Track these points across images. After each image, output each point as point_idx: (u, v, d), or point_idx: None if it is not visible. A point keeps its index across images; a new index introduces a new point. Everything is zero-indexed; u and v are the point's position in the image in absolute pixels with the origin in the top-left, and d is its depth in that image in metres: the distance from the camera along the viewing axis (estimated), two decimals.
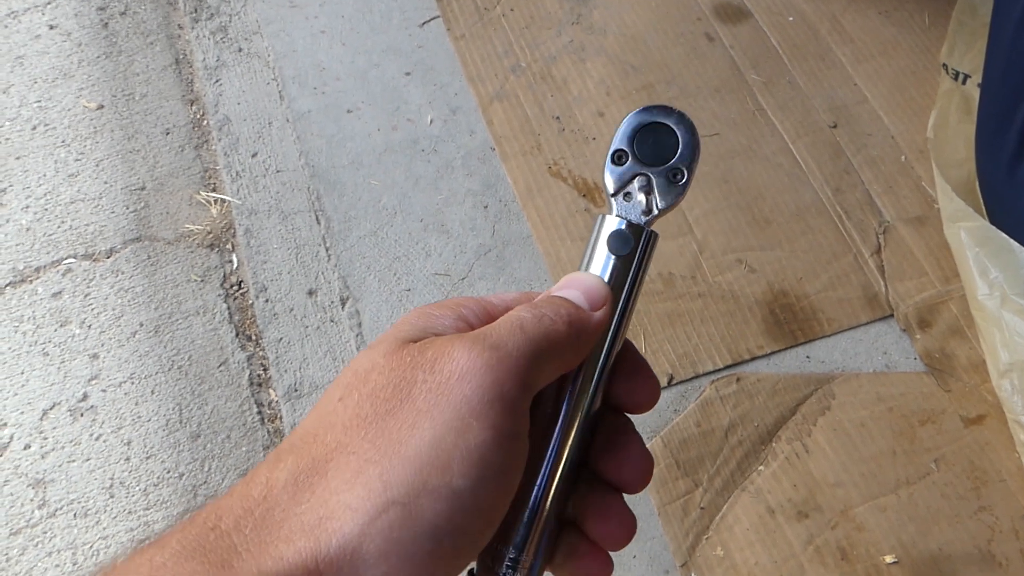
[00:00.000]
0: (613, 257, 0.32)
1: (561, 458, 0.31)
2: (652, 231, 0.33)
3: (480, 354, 0.27)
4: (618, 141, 0.33)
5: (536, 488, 0.30)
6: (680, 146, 0.33)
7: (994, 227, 0.82)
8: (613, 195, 0.33)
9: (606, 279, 0.33)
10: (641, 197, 0.33)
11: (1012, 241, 0.80)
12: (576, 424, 0.31)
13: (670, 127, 0.33)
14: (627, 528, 0.33)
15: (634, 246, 0.32)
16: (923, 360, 0.87)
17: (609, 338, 0.32)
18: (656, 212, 0.33)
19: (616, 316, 0.32)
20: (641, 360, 0.35)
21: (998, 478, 0.80)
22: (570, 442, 0.31)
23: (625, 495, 0.34)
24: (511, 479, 0.28)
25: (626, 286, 0.32)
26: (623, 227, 0.32)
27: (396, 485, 0.25)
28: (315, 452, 0.27)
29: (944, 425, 0.83)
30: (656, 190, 0.33)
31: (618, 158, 0.33)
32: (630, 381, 0.34)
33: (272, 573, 0.24)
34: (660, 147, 0.33)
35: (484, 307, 0.32)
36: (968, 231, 0.85)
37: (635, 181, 0.33)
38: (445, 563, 0.26)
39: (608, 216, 0.33)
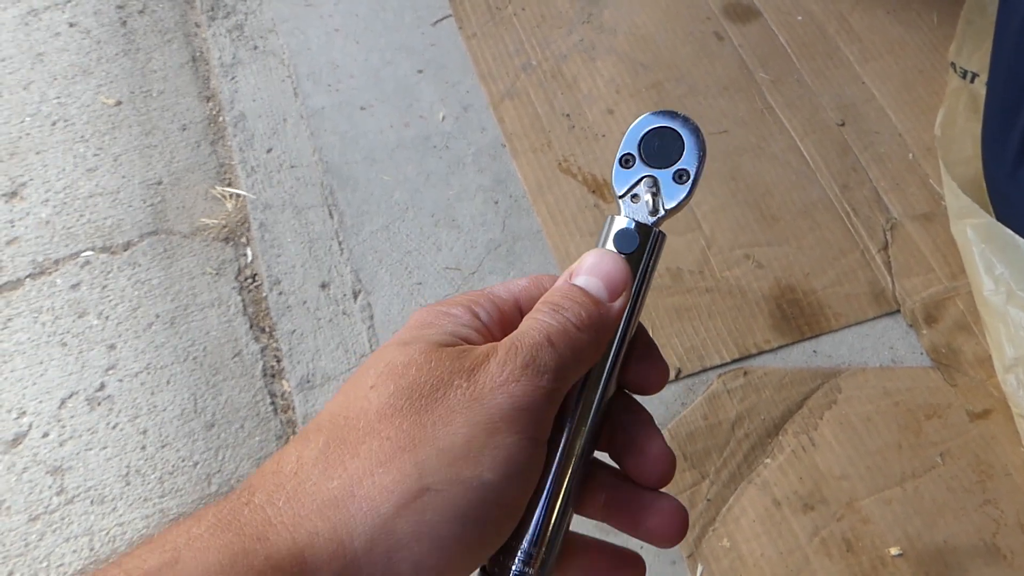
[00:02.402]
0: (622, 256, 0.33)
1: (572, 452, 0.32)
2: (660, 231, 0.34)
3: (513, 371, 0.29)
4: (626, 145, 0.35)
5: (548, 482, 0.31)
6: (686, 148, 0.34)
7: (1000, 224, 0.83)
8: (621, 197, 0.34)
9: None
10: (648, 198, 0.34)
11: (1018, 238, 0.81)
12: (589, 418, 0.32)
13: (675, 131, 0.34)
14: (676, 520, 0.33)
15: (641, 244, 0.33)
16: (929, 355, 0.88)
17: (620, 333, 0.33)
18: (663, 212, 0.34)
19: (627, 312, 0.33)
20: (651, 343, 0.36)
21: (1003, 472, 0.81)
22: (582, 436, 0.32)
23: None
24: (532, 478, 0.29)
25: (634, 284, 0.33)
26: (631, 227, 0.33)
27: (430, 473, 0.27)
28: (346, 434, 0.28)
29: (950, 419, 0.84)
30: (663, 191, 0.34)
31: (626, 161, 0.34)
32: (641, 363, 0.35)
33: (306, 545, 0.25)
34: (666, 150, 0.34)
35: (493, 302, 0.33)
36: (974, 228, 0.86)
37: (642, 183, 0.34)
38: (470, 551, 0.27)
39: (616, 216, 0.34)
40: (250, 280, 0.95)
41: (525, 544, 0.30)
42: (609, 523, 0.34)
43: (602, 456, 0.35)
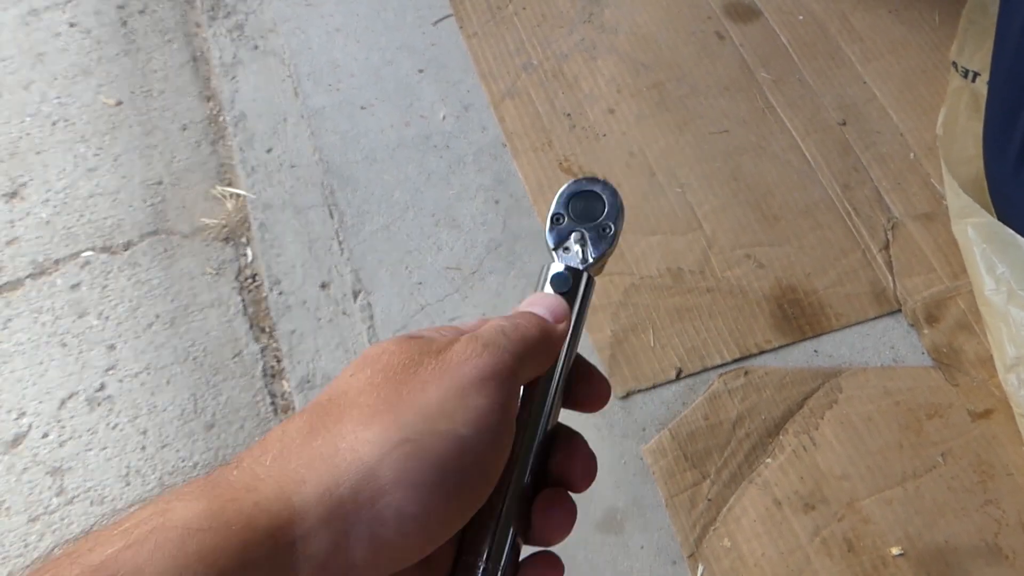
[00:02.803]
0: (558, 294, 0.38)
1: (526, 467, 0.35)
2: (589, 274, 0.38)
3: (476, 348, 0.32)
4: (556, 207, 0.40)
5: (505, 497, 0.34)
6: (606, 207, 0.40)
7: (1001, 223, 0.83)
8: (555, 249, 0.39)
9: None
10: (578, 248, 0.39)
11: (1019, 237, 0.81)
12: (537, 436, 0.35)
13: (597, 192, 0.40)
14: (571, 519, 0.36)
15: (573, 285, 0.38)
16: (930, 355, 0.88)
17: (563, 356, 0.37)
18: (591, 260, 0.39)
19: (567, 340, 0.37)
20: (591, 365, 0.39)
21: (1005, 472, 0.81)
22: (533, 452, 0.35)
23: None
24: (505, 443, 0.31)
25: (572, 317, 0.38)
26: (564, 271, 0.38)
27: (408, 426, 0.28)
28: (328, 409, 0.30)
29: (951, 419, 0.84)
30: (589, 243, 0.39)
31: (556, 220, 0.40)
32: (583, 383, 0.39)
33: (293, 492, 0.26)
34: (590, 209, 0.40)
35: (458, 329, 0.36)
36: (975, 227, 0.85)
37: (571, 237, 0.39)
38: (448, 504, 0.28)
39: (552, 263, 0.39)
40: (250, 280, 0.95)
41: (483, 564, 0.33)
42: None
43: None
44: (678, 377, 0.87)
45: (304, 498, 0.26)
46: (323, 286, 0.93)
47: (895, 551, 0.77)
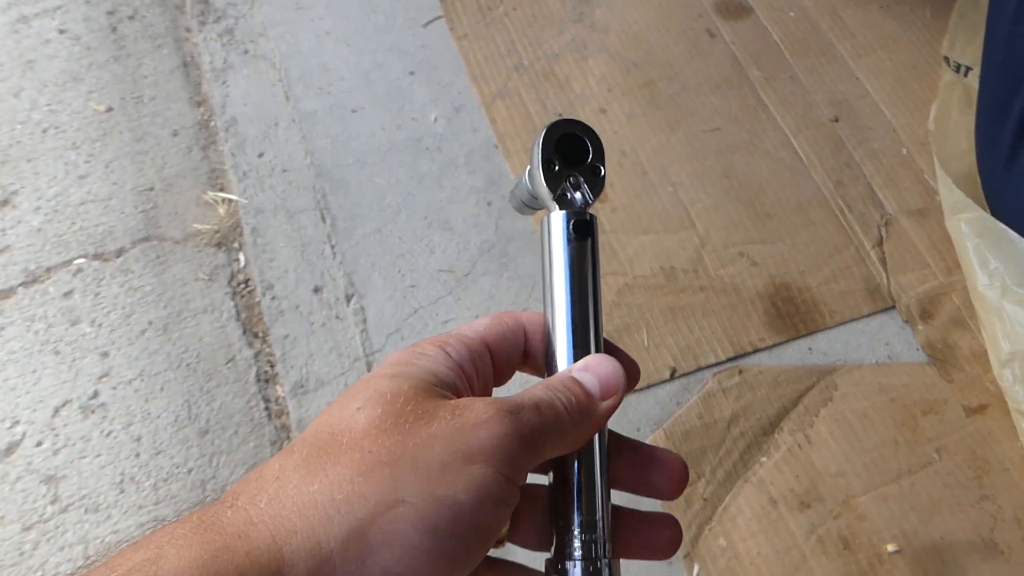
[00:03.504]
0: (568, 244, 0.37)
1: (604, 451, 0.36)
2: (592, 214, 0.38)
3: (497, 413, 0.31)
4: (545, 152, 0.38)
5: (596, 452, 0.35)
6: (591, 147, 0.39)
7: (994, 218, 0.83)
8: (554, 197, 0.38)
9: (567, 264, 0.37)
10: (577, 194, 0.38)
11: (1012, 232, 0.80)
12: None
13: (578, 135, 0.39)
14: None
15: (586, 230, 0.37)
16: (925, 351, 0.88)
17: (592, 308, 0.37)
18: (590, 201, 0.38)
19: (587, 288, 0.37)
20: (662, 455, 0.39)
21: (1000, 467, 0.81)
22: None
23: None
24: (505, 512, 0.31)
25: (588, 262, 0.37)
26: (586, 218, 0.37)
27: (406, 488, 0.28)
28: (330, 446, 0.29)
29: (946, 415, 0.84)
30: (585, 186, 0.38)
31: (550, 165, 0.38)
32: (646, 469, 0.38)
33: (284, 543, 0.26)
34: (577, 151, 0.39)
35: (462, 341, 0.36)
36: (968, 222, 0.85)
37: (568, 182, 0.38)
38: (438, 564, 0.28)
39: (556, 212, 0.38)
40: (243, 285, 0.94)
41: (576, 517, 0.34)
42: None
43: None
44: (672, 376, 0.87)
45: (293, 550, 0.26)
46: (316, 290, 0.93)
47: (891, 548, 0.77)
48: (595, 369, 0.35)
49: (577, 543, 0.33)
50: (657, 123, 1.04)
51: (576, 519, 0.34)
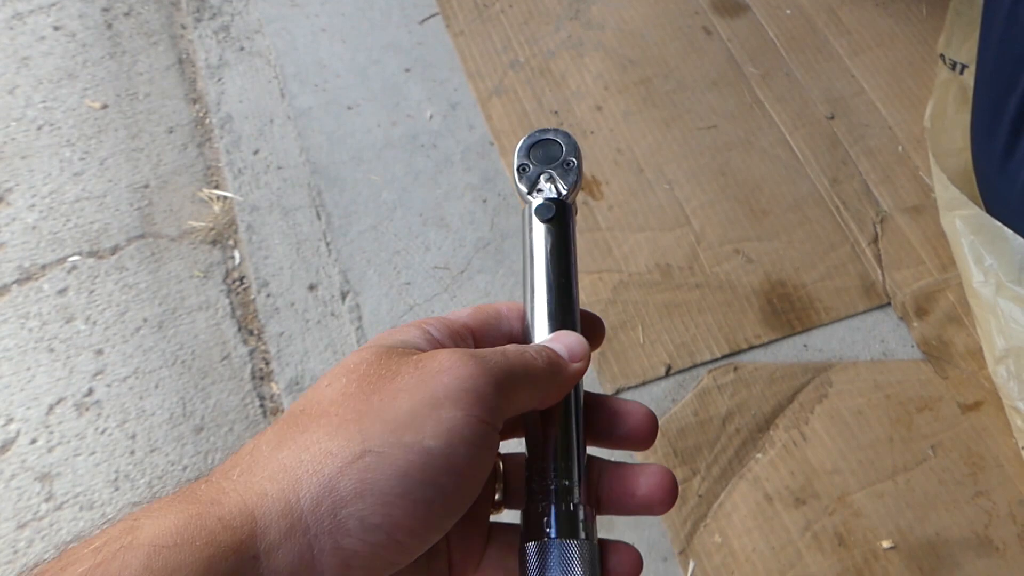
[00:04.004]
0: (544, 225, 0.39)
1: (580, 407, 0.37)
2: (566, 202, 0.40)
3: (461, 357, 0.31)
4: (518, 160, 0.42)
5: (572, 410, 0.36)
6: (563, 147, 0.42)
7: (989, 216, 0.83)
8: (529, 193, 0.41)
9: (534, 247, 0.39)
10: (549, 186, 0.41)
11: (1007, 229, 0.80)
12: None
13: (552, 138, 0.42)
14: (665, 480, 0.37)
15: (557, 213, 0.39)
16: (920, 348, 0.88)
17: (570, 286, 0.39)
18: (564, 192, 0.41)
19: (565, 268, 0.39)
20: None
21: (995, 463, 0.81)
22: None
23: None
24: (483, 455, 0.30)
25: (567, 242, 0.40)
26: (544, 200, 0.40)
27: (372, 438, 0.28)
28: (300, 419, 0.30)
29: (941, 412, 0.84)
30: (558, 179, 0.41)
31: (523, 169, 0.42)
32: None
33: (256, 506, 0.27)
34: (550, 153, 0.42)
35: (444, 323, 0.36)
36: (964, 220, 0.85)
37: (541, 179, 0.41)
38: (417, 511, 0.28)
39: (532, 202, 0.41)
40: (238, 283, 0.94)
41: (552, 463, 0.35)
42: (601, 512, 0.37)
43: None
44: (667, 373, 0.87)
45: (266, 512, 0.26)
46: (311, 288, 0.93)
47: (886, 544, 0.77)
48: (561, 339, 0.36)
49: (552, 487, 0.34)
50: (653, 120, 1.04)
51: (552, 464, 0.35)
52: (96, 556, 0.25)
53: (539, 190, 0.41)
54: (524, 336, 0.38)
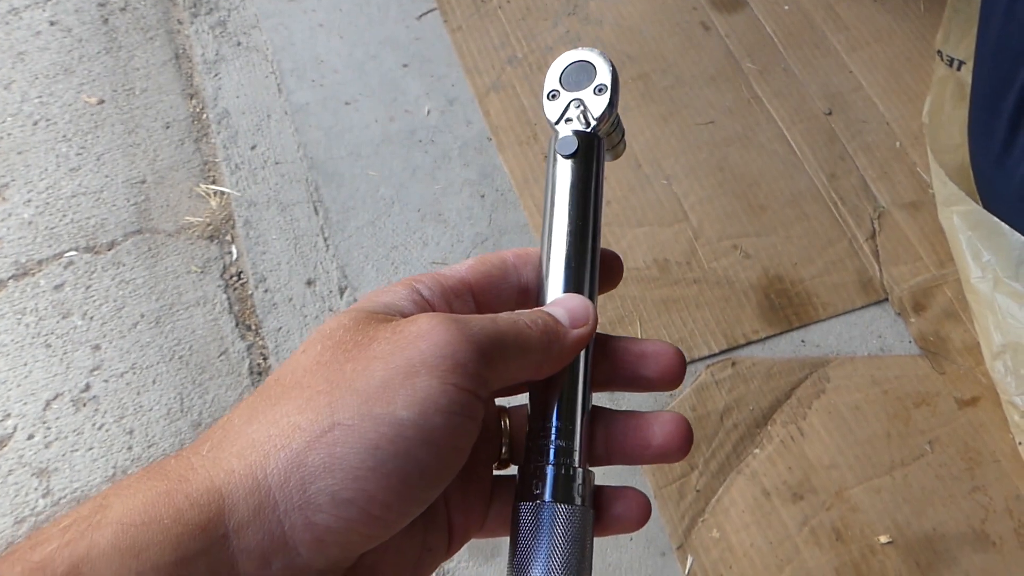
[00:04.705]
0: (568, 161, 0.36)
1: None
2: (595, 135, 0.37)
3: (442, 321, 0.29)
4: (548, 84, 0.38)
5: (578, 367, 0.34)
6: (598, 70, 0.38)
7: (986, 211, 0.83)
8: (556, 123, 0.38)
9: (556, 183, 0.36)
10: (578, 114, 0.37)
11: (1004, 225, 0.80)
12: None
13: (586, 60, 0.38)
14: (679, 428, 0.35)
15: (580, 147, 0.36)
16: (917, 343, 0.88)
17: (592, 227, 0.36)
18: (594, 123, 0.37)
19: (583, 211, 0.36)
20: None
21: (992, 459, 0.81)
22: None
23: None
24: (463, 424, 0.29)
25: (588, 182, 0.37)
26: (569, 134, 0.36)
27: (342, 410, 0.27)
28: (272, 391, 0.29)
29: (938, 407, 0.84)
30: (588, 107, 0.37)
31: (552, 96, 0.38)
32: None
33: (223, 483, 0.26)
34: (583, 77, 0.38)
35: (436, 279, 0.34)
36: (961, 215, 0.85)
37: (570, 107, 0.38)
38: (390, 484, 0.27)
39: (557, 134, 0.37)
40: (235, 278, 0.94)
41: (555, 422, 0.33)
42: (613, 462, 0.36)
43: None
44: None
45: (233, 490, 0.26)
46: (309, 283, 0.93)
47: (883, 539, 0.77)
48: (564, 302, 0.34)
49: (551, 447, 0.33)
50: (651, 116, 1.04)
51: (552, 424, 0.33)
52: (64, 535, 0.25)
53: (568, 120, 0.38)
54: (538, 288, 0.36)
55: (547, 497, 0.32)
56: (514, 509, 0.33)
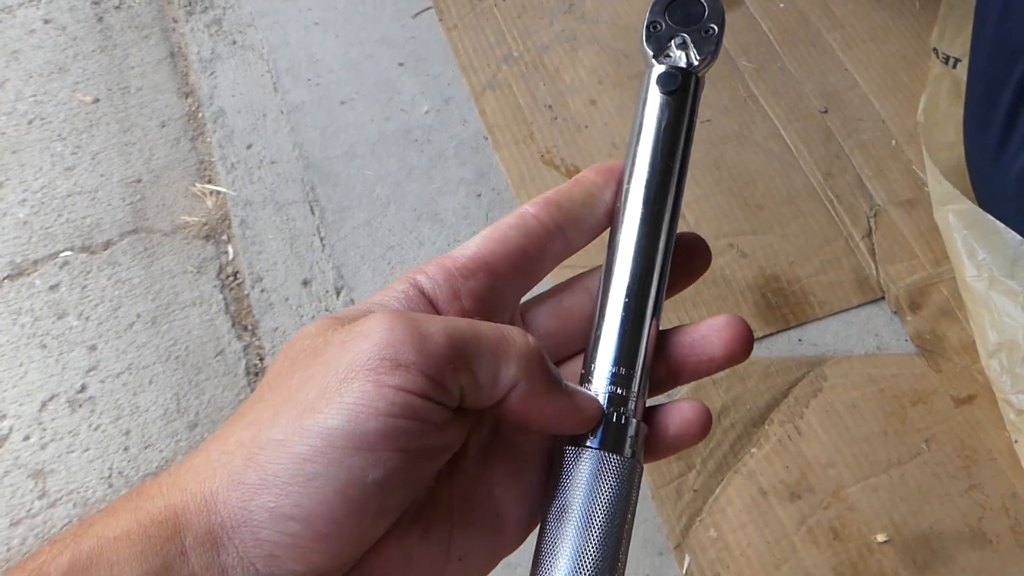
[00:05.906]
0: (664, 96, 0.34)
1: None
2: (696, 75, 0.35)
3: (387, 319, 0.27)
4: (651, 15, 0.36)
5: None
6: (707, 10, 0.35)
7: (982, 210, 0.83)
8: (655, 57, 0.35)
9: (645, 121, 0.35)
10: (680, 53, 0.35)
11: (999, 224, 0.81)
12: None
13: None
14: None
15: (682, 85, 0.34)
16: (914, 342, 0.88)
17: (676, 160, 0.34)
18: (696, 63, 0.35)
19: (672, 147, 0.35)
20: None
21: (988, 457, 0.81)
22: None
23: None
24: (411, 427, 0.27)
25: (683, 122, 0.35)
26: (672, 69, 0.34)
27: (279, 426, 0.27)
28: (244, 405, 0.29)
29: (935, 405, 0.84)
30: (692, 46, 0.35)
31: (654, 27, 0.36)
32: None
33: (178, 503, 0.27)
34: (690, 14, 0.36)
35: (440, 265, 0.32)
36: (957, 214, 0.85)
37: (672, 43, 0.35)
38: (335, 500, 0.26)
39: (656, 67, 0.35)
40: (232, 278, 0.94)
41: (614, 364, 0.31)
42: None
43: None
44: None
45: (187, 510, 0.26)
46: (305, 283, 0.93)
47: (880, 538, 0.77)
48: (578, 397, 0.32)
49: (607, 391, 0.31)
50: None
51: (612, 365, 0.31)
52: (52, 548, 0.26)
53: (667, 56, 0.35)
54: (614, 224, 0.34)
55: (596, 444, 0.30)
56: (557, 451, 0.31)
